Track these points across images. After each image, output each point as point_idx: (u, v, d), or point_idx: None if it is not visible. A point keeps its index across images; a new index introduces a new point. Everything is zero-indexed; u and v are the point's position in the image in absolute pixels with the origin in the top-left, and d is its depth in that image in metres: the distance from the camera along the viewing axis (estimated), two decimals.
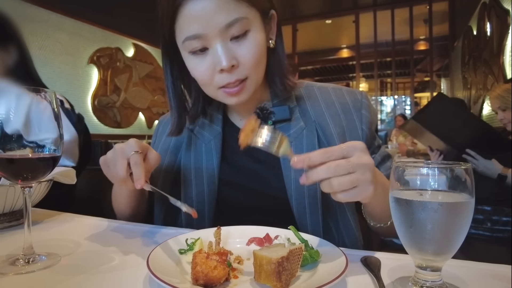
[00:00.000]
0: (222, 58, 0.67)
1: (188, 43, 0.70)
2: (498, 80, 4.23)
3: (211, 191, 0.84)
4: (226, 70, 0.69)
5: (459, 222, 0.44)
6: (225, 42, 0.68)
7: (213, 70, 0.70)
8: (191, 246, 0.58)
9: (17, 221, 0.83)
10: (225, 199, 0.86)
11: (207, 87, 0.75)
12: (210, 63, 0.70)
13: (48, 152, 0.59)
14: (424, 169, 0.46)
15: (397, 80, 8.81)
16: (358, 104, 0.83)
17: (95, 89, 6.20)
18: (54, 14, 5.40)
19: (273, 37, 0.79)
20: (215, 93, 0.75)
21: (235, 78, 0.70)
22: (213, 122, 0.88)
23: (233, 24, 0.67)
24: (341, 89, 0.87)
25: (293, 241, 0.60)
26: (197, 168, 0.86)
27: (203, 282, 0.46)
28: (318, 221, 0.76)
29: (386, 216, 0.68)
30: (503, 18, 4.13)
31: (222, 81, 0.71)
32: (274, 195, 0.81)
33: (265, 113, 0.82)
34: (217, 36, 0.67)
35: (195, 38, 0.68)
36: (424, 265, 0.46)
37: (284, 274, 0.46)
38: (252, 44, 0.69)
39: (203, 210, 0.84)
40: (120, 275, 0.54)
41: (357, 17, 7.57)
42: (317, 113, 0.82)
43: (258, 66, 0.72)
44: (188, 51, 0.71)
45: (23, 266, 0.56)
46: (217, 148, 0.85)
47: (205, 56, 0.70)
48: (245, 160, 0.86)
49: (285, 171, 0.79)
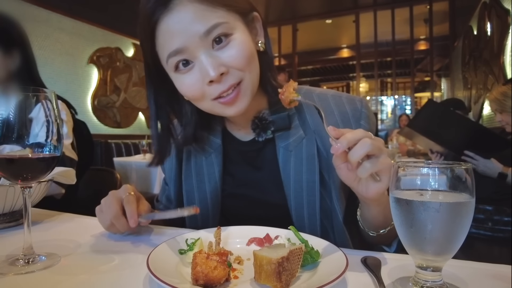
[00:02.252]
0: (208, 68, 0.64)
1: (171, 60, 0.67)
2: (498, 80, 4.23)
3: (214, 204, 0.84)
4: (216, 81, 0.66)
5: (460, 222, 0.44)
6: (208, 52, 0.65)
7: (202, 83, 0.67)
8: (191, 246, 0.58)
9: (17, 221, 0.83)
10: (228, 210, 0.86)
11: (200, 102, 0.71)
12: (198, 76, 0.67)
13: (48, 152, 0.59)
14: (425, 169, 0.46)
15: (397, 80, 8.81)
16: (358, 114, 0.80)
17: (95, 89, 6.20)
18: (54, 14, 5.40)
19: (262, 39, 0.76)
20: (211, 106, 0.71)
21: (228, 85, 0.67)
22: (213, 135, 0.86)
23: (212, 31, 0.64)
24: (341, 96, 0.83)
25: (293, 241, 0.59)
26: (200, 183, 0.85)
27: (203, 282, 0.46)
28: (316, 231, 0.76)
29: (379, 226, 0.69)
30: (503, 18, 4.13)
31: (215, 91, 0.67)
32: (275, 203, 0.81)
33: (264, 123, 0.80)
34: (199, 46, 0.65)
35: (177, 54, 0.66)
36: (424, 265, 0.46)
37: (284, 274, 0.45)
38: (238, 45, 0.66)
39: (207, 223, 0.84)
40: (120, 275, 0.54)
41: (357, 17, 7.57)
42: (315, 122, 0.80)
43: (250, 66, 0.69)
44: (173, 69, 0.69)
45: (23, 266, 0.56)
46: (218, 161, 0.84)
47: (191, 71, 0.67)
48: (246, 170, 0.86)
49: (285, 180, 0.78)
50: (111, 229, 0.72)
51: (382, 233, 0.69)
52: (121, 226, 0.70)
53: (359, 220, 0.73)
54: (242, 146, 0.86)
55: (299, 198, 0.77)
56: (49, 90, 0.60)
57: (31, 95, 0.57)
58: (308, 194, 0.76)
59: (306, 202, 0.77)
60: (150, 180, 3.47)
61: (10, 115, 0.56)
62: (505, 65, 4.05)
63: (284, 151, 0.79)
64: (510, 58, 3.89)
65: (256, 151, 0.84)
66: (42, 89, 0.59)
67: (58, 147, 0.60)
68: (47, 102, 0.59)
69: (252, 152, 0.85)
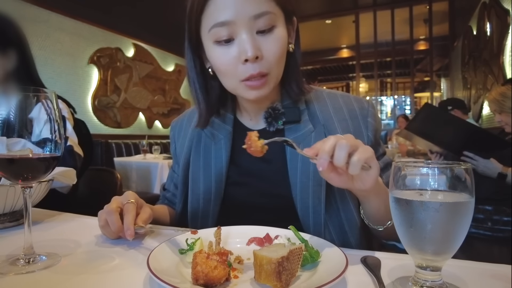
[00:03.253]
0: (248, 47, 0.68)
1: (214, 31, 0.71)
2: (498, 80, 4.23)
3: (218, 189, 0.86)
4: (251, 61, 0.69)
5: (459, 222, 0.44)
6: (251, 33, 0.70)
7: (238, 60, 0.71)
8: (191, 246, 0.58)
9: (17, 221, 0.83)
10: (231, 197, 0.87)
11: (229, 79, 0.75)
12: (235, 53, 0.71)
13: (48, 152, 0.59)
14: (424, 169, 0.46)
15: (397, 80, 8.81)
16: (365, 112, 0.85)
17: (95, 89, 6.20)
18: (54, 14, 5.39)
19: (292, 42, 0.81)
20: (236, 85, 0.75)
21: (258, 70, 0.71)
22: (224, 122, 0.89)
23: (262, 16, 0.69)
24: (349, 96, 0.88)
25: (293, 241, 0.60)
26: (206, 165, 0.87)
27: (203, 282, 0.46)
28: (321, 222, 0.77)
29: (383, 219, 0.69)
30: (503, 18, 4.13)
31: (246, 72, 0.71)
32: (280, 194, 0.82)
33: (276, 113, 0.83)
34: (245, 26, 0.69)
35: (222, 25, 0.69)
36: (424, 265, 0.46)
37: (284, 274, 0.46)
38: (277, 39, 0.71)
39: (208, 207, 0.86)
40: (120, 275, 0.54)
41: (357, 17, 7.57)
42: (325, 117, 0.83)
43: (279, 62, 0.74)
44: (213, 40, 0.72)
45: (24, 266, 0.56)
46: (227, 147, 0.87)
47: (230, 47, 0.71)
48: (252, 160, 0.85)
49: (291, 171, 0.80)
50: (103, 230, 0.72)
51: (389, 225, 0.69)
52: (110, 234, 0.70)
53: (363, 218, 0.74)
54: None
55: (305, 188, 0.78)
56: (49, 90, 0.60)
57: (31, 95, 0.57)
58: (314, 184, 0.78)
59: (311, 192, 0.78)
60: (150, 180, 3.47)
61: (11, 115, 0.56)
62: (505, 65, 4.05)
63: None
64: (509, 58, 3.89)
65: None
66: (42, 89, 0.59)
67: (58, 147, 0.60)
68: (48, 101, 0.59)
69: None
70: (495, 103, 2.04)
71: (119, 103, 6.71)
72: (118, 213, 0.69)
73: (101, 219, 0.71)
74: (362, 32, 7.64)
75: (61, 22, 5.53)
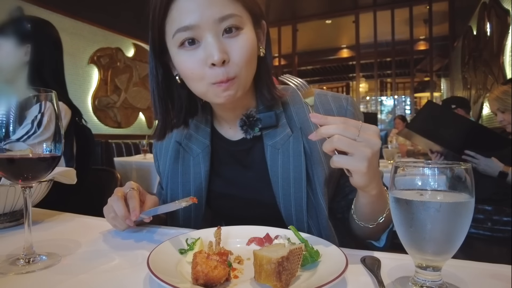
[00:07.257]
0: (213, 50, 0.66)
1: (179, 35, 0.68)
2: (498, 80, 4.23)
3: (197, 205, 0.84)
4: (218, 65, 0.67)
5: (459, 222, 0.44)
6: (217, 36, 0.67)
7: (204, 64, 0.68)
8: (191, 246, 0.58)
9: (17, 221, 0.83)
10: (217, 210, 0.88)
11: (197, 83, 0.72)
12: (201, 56, 0.68)
13: (48, 152, 0.59)
14: (424, 169, 0.46)
15: (397, 80, 8.81)
16: (343, 111, 0.81)
17: (95, 89, 6.20)
18: (54, 14, 5.39)
19: (263, 46, 0.79)
20: (205, 89, 0.71)
21: (227, 76, 0.68)
22: (201, 135, 0.87)
23: (227, 19, 0.66)
24: (326, 95, 0.85)
25: (293, 241, 0.60)
26: (186, 182, 0.86)
27: (203, 282, 0.46)
28: (303, 227, 0.77)
29: (375, 217, 0.70)
30: (503, 18, 4.14)
31: (214, 77, 0.68)
32: (265, 202, 0.81)
33: (251, 120, 0.81)
34: (210, 29, 0.66)
35: (186, 30, 0.67)
36: (424, 265, 0.46)
37: (284, 274, 0.46)
38: (244, 42, 0.69)
39: (189, 221, 0.86)
40: (120, 275, 0.54)
41: (357, 17, 7.57)
42: (301, 120, 0.82)
43: (247, 66, 0.71)
44: (178, 45, 0.69)
45: (24, 266, 0.56)
46: (205, 161, 0.85)
47: (196, 50, 0.68)
48: (235, 170, 0.86)
49: (273, 178, 0.79)
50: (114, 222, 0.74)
51: (380, 221, 0.70)
52: (120, 224, 0.73)
53: (353, 213, 0.73)
54: (231, 145, 0.87)
55: (287, 195, 0.78)
56: (50, 90, 0.60)
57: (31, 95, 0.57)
58: (295, 191, 0.77)
59: (293, 199, 0.77)
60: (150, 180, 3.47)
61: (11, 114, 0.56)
62: (505, 65, 4.05)
63: (272, 149, 0.80)
64: (509, 58, 3.89)
65: (245, 150, 0.85)
66: (42, 89, 0.59)
67: (58, 147, 0.60)
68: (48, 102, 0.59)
69: (241, 151, 0.86)
70: (498, 101, 2.03)
71: (119, 103, 6.71)
72: (123, 199, 0.71)
73: (109, 211, 0.72)
74: (362, 32, 7.64)
75: (61, 22, 5.53)
